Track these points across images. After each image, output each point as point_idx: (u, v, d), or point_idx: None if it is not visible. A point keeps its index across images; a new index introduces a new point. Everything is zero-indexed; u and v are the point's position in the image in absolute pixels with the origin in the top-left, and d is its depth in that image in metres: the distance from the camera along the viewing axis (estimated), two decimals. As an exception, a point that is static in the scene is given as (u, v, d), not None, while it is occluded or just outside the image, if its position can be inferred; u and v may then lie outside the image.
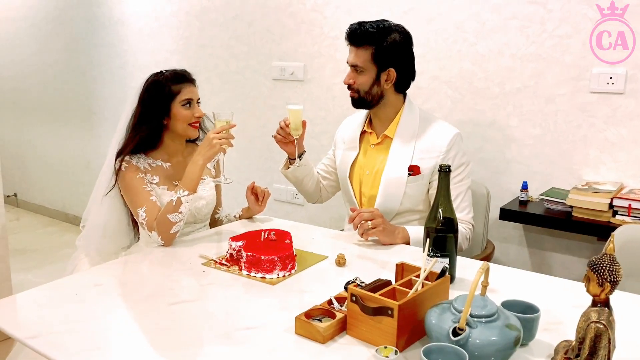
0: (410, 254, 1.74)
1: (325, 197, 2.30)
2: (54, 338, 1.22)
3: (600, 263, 0.98)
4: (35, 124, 4.80)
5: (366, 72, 1.94)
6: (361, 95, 1.97)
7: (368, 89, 1.96)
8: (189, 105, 1.96)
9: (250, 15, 3.23)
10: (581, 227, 2.17)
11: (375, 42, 1.91)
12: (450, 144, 1.95)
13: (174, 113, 1.94)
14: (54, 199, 4.83)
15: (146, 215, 1.85)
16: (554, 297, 1.45)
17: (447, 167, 1.46)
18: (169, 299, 1.42)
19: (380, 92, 1.97)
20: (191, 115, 1.96)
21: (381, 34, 1.92)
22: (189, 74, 2.01)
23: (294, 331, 1.24)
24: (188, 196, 1.83)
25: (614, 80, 2.22)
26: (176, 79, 1.96)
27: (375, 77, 1.95)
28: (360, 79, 1.96)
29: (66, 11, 4.27)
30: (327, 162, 2.26)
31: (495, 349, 1.05)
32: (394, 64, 1.94)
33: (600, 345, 0.98)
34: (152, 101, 1.94)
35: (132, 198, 1.91)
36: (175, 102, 1.94)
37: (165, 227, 1.80)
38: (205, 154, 1.84)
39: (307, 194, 2.25)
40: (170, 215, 1.80)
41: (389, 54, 1.93)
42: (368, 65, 1.93)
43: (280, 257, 1.55)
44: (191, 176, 1.84)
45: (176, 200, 1.81)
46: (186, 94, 1.95)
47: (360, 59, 1.93)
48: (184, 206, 1.82)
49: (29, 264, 3.73)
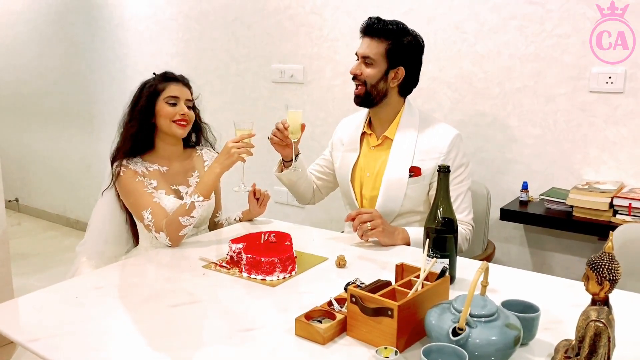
0: (410, 254, 1.74)
1: (319, 198, 2.29)
2: (55, 341, 1.23)
3: (599, 261, 0.98)
4: (36, 128, 4.81)
5: (376, 65, 1.93)
6: (367, 89, 1.95)
7: (375, 83, 1.94)
8: (174, 104, 1.96)
9: (249, 18, 3.24)
10: (582, 226, 2.16)
11: (393, 38, 1.92)
12: (450, 145, 1.95)
13: (158, 109, 1.95)
14: (55, 204, 4.83)
15: (152, 217, 1.85)
16: (553, 296, 1.45)
17: (446, 168, 1.46)
18: (170, 302, 1.42)
19: (385, 90, 1.96)
20: (174, 113, 1.95)
21: (399, 32, 1.93)
22: (181, 76, 2.03)
23: (294, 332, 1.24)
24: (202, 202, 1.83)
25: (613, 79, 2.22)
26: (164, 79, 1.99)
27: (384, 72, 1.94)
28: (369, 71, 1.94)
29: (66, 15, 4.28)
30: (323, 162, 2.24)
31: (495, 348, 1.05)
32: (404, 63, 1.95)
33: (600, 344, 0.98)
34: (138, 99, 1.97)
35: (134, 201, 1.91)
36: (159, 99, 1.96)
37: (176, 229, 1.81)
38: (223, 162, 1.84)
39: (299, 195, 2.22)
40: (181, 218, 1.81)
41: (403, 52, 1.93)
42: (379, 58, 1.93)
43: (280, 259, 1.55)
44: (207, 182, 1.85)
45: (190, 204, 1.82)
46: (171, 91, 1.96)
47: (374, 50, 1.92)
48: (196, 211, 1.82)
49: (30, 269, 3.73)
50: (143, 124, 1.96)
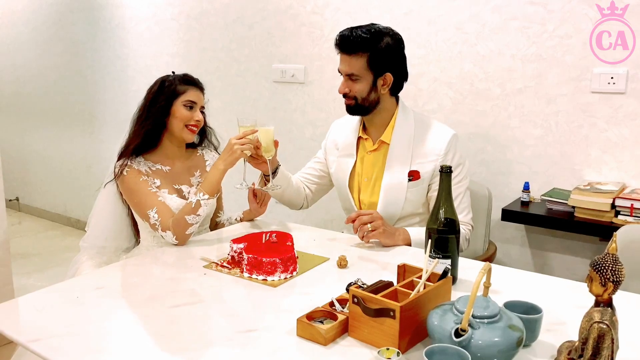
0: (412, 255, 1.74)
1: (312, 202, 2.23)
2: (55, 341, 1.22)
3: (603, 263, 0.98)
4: (37, 128, 4.81)
5: (362, 79, 1.88)
6: (358, 103, 1.91)
7: (366, 96, 1.90)
8: (190, 108, 1.97)
9: (250, 18, 3.23)
10: (583, 227, 2.16)
11: (370, 48, 1.85)
12: (448, 146, 1.93)
13: (174, 110, 1.95)
14: (56, 203, 4.83)
15: (158, 216, 1.86)
16: (556, 297, 1.45)
17: (448, 168, 1.46)
18: (171, 302, 1.42)
19: (377, 98, 1.92)
20: (190, 117, 1.96)
21: (374, 39, 1.85)
22: (199, 82, 2.03)
23: (295, 333, 1.23)
24: (208, 200, 1.84)
25: (615, 80, 2.22)
26: (184, 81, 1.99)
27: (372, 83, 1.89)
28: (357, 86, 1.89)
29: (67, 15, 4.28)
30: (318, 166, 2.18)
31: (497, 349, 1.04)
32: (389, 68, 1.89)
33: (604, 346, 0.97)
34: (157, 96, 1.96)
35: (139, 201, 1.91)
36: (177, 101, 1.95)
37: (182, 228, 1.82)
38: (226, 159, 1.84)
39: (289, 203, 2.16)
40: (187, 216, 1.81)
41: (384, 59, 1.87)
42: (364, 72, 1.87)
43: (281, 259, 1.55)
44: (212, 180, 1.85)
45: (195, 202, 1.82)
46: (190, 96, 1.97)
47: (356, 67, 1.87)
48: (202, 209, 1.83)
49: (30, 268, 3.73)
50: (158, 122, 1.96)
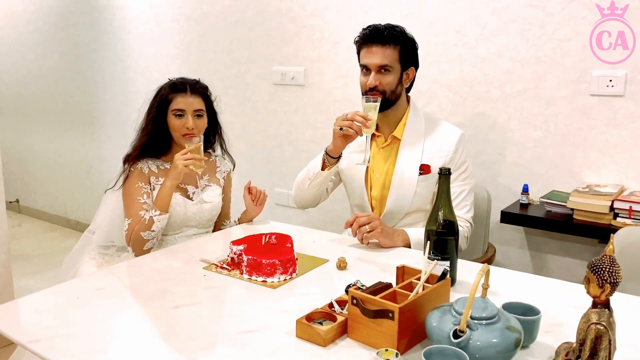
0: (411, 256, 1.74)
1: (323, 199, 2.23)
2: (55, 342, 1.23)
3: (600, 264, 0.98)
4: (37, 129, 4.81)
5: (393, 71, 1.95)
6: (386, 96, 1.95)
7: (394, 89, 1.96)
8: (181, 116, 1.96)
9: (251, 20, 3.24)
10: (582, 229, 2.16)
11: (401, 41, 1.95)
12: (457, 144, 1.99)
13: (168, 120, 1.98)
14: (56, 205, 4.84)
15: (128, 227, 1.91)
16: (554, 299, 1.45)
17: (447, 170, 1.47)
18: (170, 303, 1.42)
19: (400, 92, 1.99)
20: (181, 126, 1.96)
21: (403, 34, 1.97)
22: (192, 84, 2.01)
23: (295, 334, 1.24)
24: (160, 216, 1.88)
25: (613, 82, 2.22)
26: (172, 88, 1.99)
27: (400, 77, 1.97)
28: (387, 78, 1.94)
29: (68, 16, 4.29)
30: None
31: (496, 351, 1.05)
32: (414, 63, 2.01)
33: (601, 347, 0.98)
34: (151, 107, 1.99)
35: (126, 204, 1.97)
36: (168, 111, 1.97)
37: (140, 244, 1.89)
38: (170, 174, 1.89)
39: (311, 197, 2.12)
40: (143, 233, 1.87)
41: (411, 53, 1.99)
42: (396, 64, 1.95)
43: (281, 261, 1.55)
44: (161, 196, 1.90)
45: (149, 219, 1.87)
46: (177, 104, 1.96)
47: (389, 57, 1.94)
48: (156, 225, 1.88)
49: (31, 270, 3.73)
50: (154, 133, 1.98)
